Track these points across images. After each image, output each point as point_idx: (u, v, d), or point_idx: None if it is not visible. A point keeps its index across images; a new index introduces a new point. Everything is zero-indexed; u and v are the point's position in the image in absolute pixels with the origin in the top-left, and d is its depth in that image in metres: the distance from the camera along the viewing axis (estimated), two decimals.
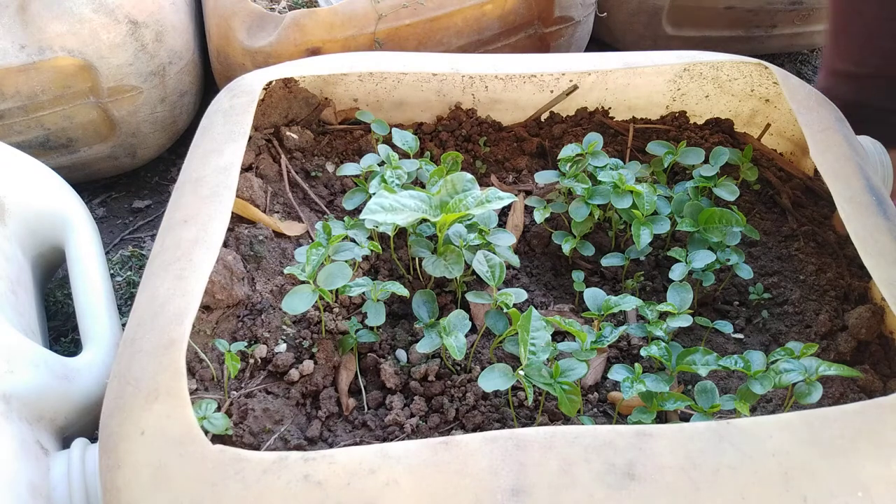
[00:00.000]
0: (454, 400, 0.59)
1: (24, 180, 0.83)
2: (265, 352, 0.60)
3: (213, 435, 0.52)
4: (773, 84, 0.82)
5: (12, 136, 0.98)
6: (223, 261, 0.63)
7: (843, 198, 0.63)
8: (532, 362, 0.53)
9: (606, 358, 0.63)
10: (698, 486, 0.44)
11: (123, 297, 0.96)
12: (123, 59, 0.96)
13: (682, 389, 0.61)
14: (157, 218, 1.08)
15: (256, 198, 0.72)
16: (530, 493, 0.44)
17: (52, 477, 0.58)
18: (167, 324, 0.53)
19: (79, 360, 0.70)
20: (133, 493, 0.47)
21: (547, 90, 0.82)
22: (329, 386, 0.60)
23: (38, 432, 0.62)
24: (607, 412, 0.60)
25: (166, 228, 0.62)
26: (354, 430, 0.57)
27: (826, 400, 0.58)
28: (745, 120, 0.86)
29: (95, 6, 0.93)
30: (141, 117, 1.02)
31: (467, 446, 0.46)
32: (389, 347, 0.63)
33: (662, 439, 0.46)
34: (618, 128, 0.83)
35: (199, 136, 0.71)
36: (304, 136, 0.80)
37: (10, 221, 0.80)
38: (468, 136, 0.82)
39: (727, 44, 1.31)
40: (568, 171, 0.72)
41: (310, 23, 0.98)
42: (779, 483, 0.45)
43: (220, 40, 1.03)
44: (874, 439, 0.46)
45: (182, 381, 0.50)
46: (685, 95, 0.84)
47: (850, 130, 0.72)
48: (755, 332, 0.67)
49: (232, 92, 0.74)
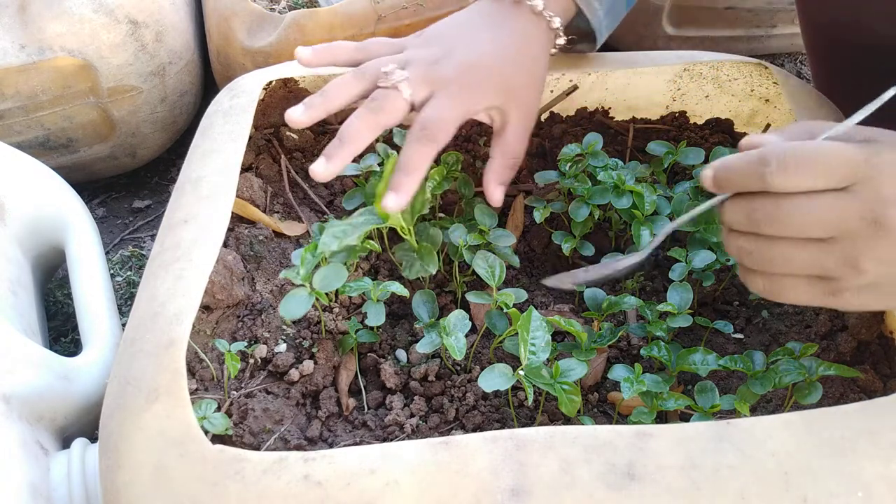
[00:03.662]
0: (454, 400, 0.59)
1: (24, 180, 0.83)
2: (265, 352, 0.60)
3: (213, 435, 0.52)
4: (773, 84, 0.82)
5: (12, 136, 0.98)
6: (223, 261, 0.63)
7: None
8: (532, 362, 0.53)
9: (606, 358, 0.63)
10: (698, 486, 0.44)
11: (123, 297, 0.96)
12: (123, 59, 0.96)
13: (682, 389, 0.61)
14: (157, 218, 1.08)
15: (256, 198, 0.72)
16: (530, 493, 0.44)
17: (52, 477, 0.58)
18: (167, 324, 0.53)
19: (79, 360, 0.70)
20: (133, 493, 0.47)
21: (547, 90, 0.82)
22: (329, 386, 0.60)
23: (38, 432, 0.62)
24: (607, 412, 0.60)
25: (166, 228, 0.62)
26: (354, 430, 0.57)
27: (826, 400, 0.58)
28: (745, 120, 0.86)
29: (95, 6, 0.93)
30: (141, 117, 1.02)
31: (467, 446, 0.46)
32: (389, 347, 0.64)
33: (662, 439, 0.46)
34: (618, 128, 0.83)
35: (199, 136, 0.71)
36: (304, 136, 0.80)
37: (10, 221, 0.80)
38: (468, 136, 0.82)
39: (727, 44, 1.31)
40: (568, 171, 0.72)
41: (310, 23, 0.98)
42: (779, 483, 0.45)
43: (220, 40, 1.03)
44: (874, 439, 0.46)
45: (182, 381, 0.50)
46: (685, 95, 0.85)
47: None
48: (755, 332, 0.67)
49: (232, 92, 0.74)
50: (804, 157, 0.45)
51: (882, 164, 0.44)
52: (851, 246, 0.44)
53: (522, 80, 0.66)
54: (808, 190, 0.45)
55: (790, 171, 0.44)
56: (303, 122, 0.62)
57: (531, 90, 0.67)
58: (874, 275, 0.45)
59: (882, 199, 0.44)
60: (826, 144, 0.45)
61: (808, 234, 0.45)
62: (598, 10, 0.71)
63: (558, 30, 0.68)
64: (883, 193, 0.44)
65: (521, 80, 0.66)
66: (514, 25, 0.66)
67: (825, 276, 0.46)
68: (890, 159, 0.44)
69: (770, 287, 0.48)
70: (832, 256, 0.45)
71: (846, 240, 0.45)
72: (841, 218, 0.44)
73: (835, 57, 0.79)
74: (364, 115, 0.61)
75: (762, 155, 0.45)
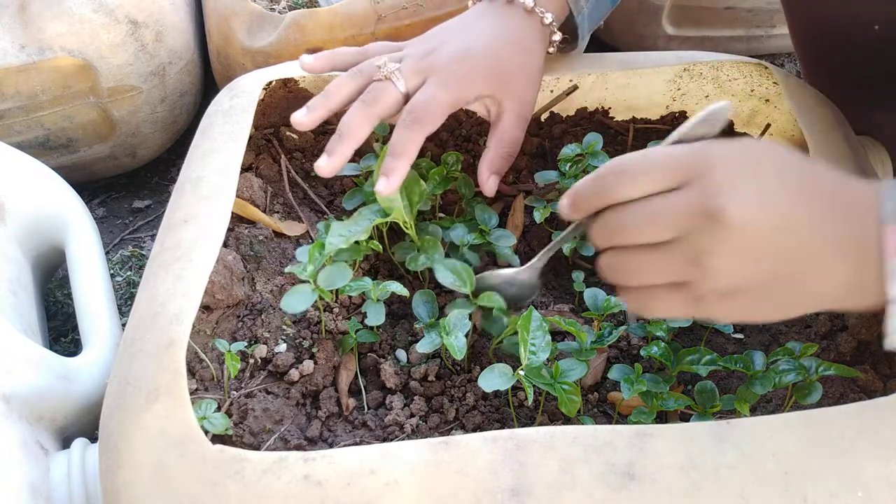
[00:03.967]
0: (454, 400, 0.59)
1: (24, 180, 0.83)
2: (265, 352, 0.60)
3: (213, 435, 0.52)
4: (773, 84, 0.82)
5: (12, 136, 0.98)
6: (223, 261, 0.63)
7: None
8: (532, 362, 0.54)
9: (606, 358, 0.63)
10: (699, 486, 0.45)
11: (123, 297, 0.96)
12: (123, 59, 0.96)
13: (682, 389, 0.61)
14: (157, 218, 1.08)
15: (256, 198, 0.72)
16: (530, 493, 0.44)
17: (52, 477, 0.59)
18: (167, 324, 0.53)
19: (79, 360, 0.70)
20: (133, 493, 0.47)
21: (547, 90, 0.82)
22: (329, 386, 0.60)
23: (38, 432, 0.62)
24: (607, 412, 0.60)
25: (166, 228, 0.62)
26: (354, 430, 0.57)
27: (826, 400, 0.58)
28: (745, 120, 0.86)
29: (95, 6, 0.93)
30: (141, 117, 1.02)
31: (467, 446, 0.46)
32: (389, 347, 0.64)
33: (662, 439, 0.46)
34: (618, 128, 0.83)
35: (199, 136, 0.71)
36: (304, 136, 0.80)
37: (10, 221, 0.80)
38: (468, 135, 0.82)
39: (727, 44, 1.31)
40: (568, 171, 0.72)
41: (310, 23, 0.98)
42: (779, 483, 0.45)
43: (220, 40, 1.03)
44: (874, 439, 0.46)
45: (182, 381, 0.50)
46: (685, 95, 0.85)
47: (851, 130, 0.72)
48: (755, 332, 0.67)
49: (232, 92, 0.74)
50: (636, 164, 0.45)
51: (712, 157, 0.44)
52: (694, 242, 0.43)
53: (515, 70, 0.66)
54: (647, 194, 0.45)
55: (626, 180, 0.45)
56: (306, 123, 0.64)
57: (526, 82, 0.67)
58: (728, 275, 0.43)
59: (713, 190, 0.42)
60: (657, 149, 0.46)
61: (652, 236, 0.44)
62: (583, 8, 0.72)
63: (551, 25, 0.69)
64: (713, 184, 0.42)
65: (515, 71, 0.66)
66: (507, 22, 0.67)
67: (681, 283, 0.45)
68: (719, 152, 0.44)
69: (639, 301, 0.47)
70: (679, 257, 0.44)
71: (688, 238, 0.43)
72: (675, 214, 0.43)
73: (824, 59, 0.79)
74: (360, 108, 0.63)
75: (600, 171, 0.46)
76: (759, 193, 0.43)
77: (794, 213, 0.43)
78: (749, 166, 0.43)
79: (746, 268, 0.43)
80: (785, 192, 0.43)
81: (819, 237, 0.43)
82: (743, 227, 0.42)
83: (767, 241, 0.42)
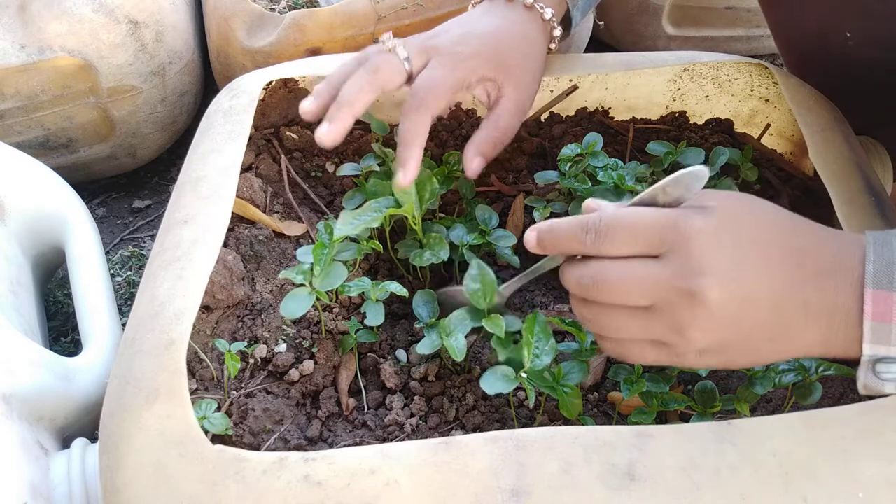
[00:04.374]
0: (454, 400, 0.59)
1: (24, 180, 0.83)
2: (265, 352, 0.60)
3: (213, 435, 0.52)
4: (773, 84, 0.82)
5: (12, 136, 0.98)
6: (223, 261, 0.63)
7: (842, 199, 0.63)
8: (535, 366, 0.53)
9: (606, 358, 0.63)
10: (699, 487, 0.44)
11: (123, 297, 0.96)
12: (123, 59, 0.96)
13: (682, 389, 0.61)
14: (157, 218, 1.08)
15: (256, 198, 0.72)
16: (530, 494, 0.44)
17: (52, 477, 0.59)
18: (167, 324, 0.53)
19: (79, 360, 0.70)
20: (133, 493, 0.47)
21: (547, 90, 0.82)
22: (329, 386, 0.60)
23: (38, 432, 0.62)
24: (607, 412, 0.60)
25: (166, 228, 0.62)
26: (354, 430, 0.57)
27: (826, 400, 0.58)
28: (745, 120, 0.86)
29: (95, 6, 0.93)
30: (141, 117, 1.02)
31: (467, 446, 0.46)
32: (389, 347, 0.64)
33: (663, 439, 0.46)
34: (618, 128, 0.83)
35: (199, 136, 0.71)
36: (304, 136, 0.80)
37: (10, 221, 0.80)
38: (468, 135, 0.82)
39: (727, 44, 1.31)
40: (568, 171, 0.72)
41: (310, 23, 0.98)
42: (779, 483, 0.45)
43: (220, 40, 1.03)
44: (874, 439, 0.46)
45: (182, 381, 0.50)
46: (685, 95, 0.85)
47: (850, 130, 0.72)
48: None
49: (232, 92, 0.74)
50: (619, 223, 0.45)
51: (689, 231, 0.43)
52: (673, 315, 0.44)
53: (518, 58, 0.67)
54: (626, 255, 0.45)
55: (607, 238, 0.45)
56: (313, 110, 0.63)
57: (527, 70, 0.68)
58: (707, 342, 0.44)
59: (691, 268, 0.43)
60: (642, 210, 0.45)
61: (631, 301, 0.45)
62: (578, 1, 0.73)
63: (551, 20, 0.70)
64: (692, 263, 0.43)
65: (516, 57, 0.67)
66: (509, 16, 0.68)
67: (662, 342, 0.46)
68: (698, 225, 0.43)
69: (619, 351, 0.48)
70: (659, 324, 0.44)
71: (667, 309, 0.44)
72: (656, 286, 0.44)
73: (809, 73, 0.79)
74: (361, 75, 0.62)
75: (584, 221, 0.46)
76: (738, 268, 0.43)
77: (771, 284, 0.44)
78: (727, 241, 0.44)
79: (725, 334, 0.44)
80: (764, 263, 0.44)
81: (797, 303, 0.44)
82: (721, 304, 0.43)
83: (745, 313, 0.43)
